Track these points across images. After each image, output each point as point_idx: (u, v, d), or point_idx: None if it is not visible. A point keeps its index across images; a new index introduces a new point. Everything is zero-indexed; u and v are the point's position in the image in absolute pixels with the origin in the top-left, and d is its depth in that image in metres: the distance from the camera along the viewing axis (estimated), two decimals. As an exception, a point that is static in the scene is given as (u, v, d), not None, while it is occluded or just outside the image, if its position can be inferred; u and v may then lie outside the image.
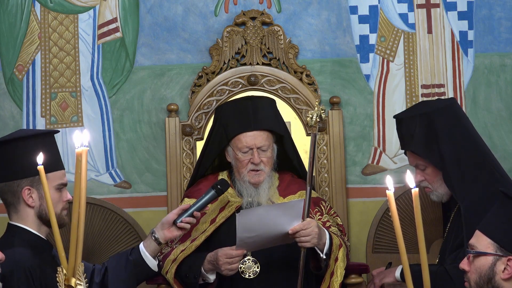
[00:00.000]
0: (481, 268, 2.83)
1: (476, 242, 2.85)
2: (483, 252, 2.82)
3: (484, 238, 2.84)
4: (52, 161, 3.35)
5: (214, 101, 4.71)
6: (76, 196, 2.52)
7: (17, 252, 3.28)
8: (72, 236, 2.58)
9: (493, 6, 4.81)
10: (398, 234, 2.48)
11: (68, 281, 2.56)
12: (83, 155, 2.50)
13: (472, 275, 2.85)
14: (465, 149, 3.92)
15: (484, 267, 2.83)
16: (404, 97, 4.81)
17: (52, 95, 4.79)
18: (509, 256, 2.79)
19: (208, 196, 3.81)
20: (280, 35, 4.76)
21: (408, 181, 2.56)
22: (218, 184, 3.85)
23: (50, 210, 2.59)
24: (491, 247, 2.82)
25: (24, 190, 3.37)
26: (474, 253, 2.84)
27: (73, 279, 2.57)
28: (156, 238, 3.67)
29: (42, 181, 2.56)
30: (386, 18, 4.82)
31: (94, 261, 4.59)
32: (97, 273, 3.64)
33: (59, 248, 2.58)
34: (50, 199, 2.63)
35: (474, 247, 2.85)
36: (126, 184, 4.80)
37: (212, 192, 3.82)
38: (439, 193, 4.00)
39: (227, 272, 3.82)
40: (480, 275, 2.83)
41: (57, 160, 3.44)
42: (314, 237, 3.80)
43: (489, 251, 2.82)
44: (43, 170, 2.57)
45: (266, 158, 4.00)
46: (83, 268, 2.60)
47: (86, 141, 2.52)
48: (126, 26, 4.80)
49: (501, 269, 2.81)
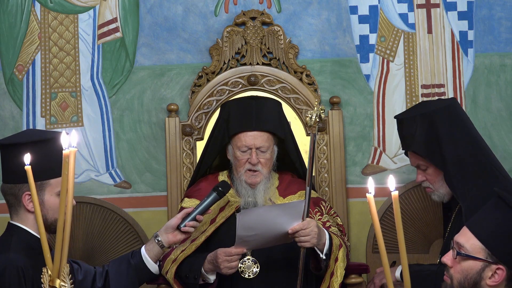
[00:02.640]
0: (468, 271, 2.80)
1: (465, 242, 2.82)
2: (473, 257, 2.79)
3: (474, 240, 2.80)
4: (55, 167, 3.35)
5: (214, 101, 4.71)
6: (63, 197, 2.53)
7: (12, 251, 3.28)
8: (57, 237, 2.58)
9: (493, 6, 4.81)
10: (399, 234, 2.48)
11: (53, 282, 2.57)
12: (70, 156, 2.51)
13: (457, 275, 2.82)
14: (466, 149, 3.92)
15: (472, 270, 2.80)
16: (404, 97, 4.81)
17: (52, 95, 4.79)
18: (499, 265, 2.77)
19: (210, 198, 3.80)
20: (280, 35, 4.76)
21: (389, 184, 2.56)
22: (220, 186, 3.85)
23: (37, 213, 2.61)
24: (482, 253, 2.79)
25: (25, 196, 3.37)
26: (464, 255, 2.80)
27: (57, 280, 2.57)
28: (160, 241, 3.67)
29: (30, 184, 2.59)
30: (386, 18, 4.82)
31: (94, 261, 4.59)
32: (99, 277, 3.64)
33: (44, 250, 2.58)
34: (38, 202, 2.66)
35: (463, 248, 2.81)
36: (126, 184, 4.80)
37: (214, 195, 3.82)
38: (440, 193, 4.00)
39: (227, 271, 3.82)
40: (466, 277, 2.80)
41: (61, 165, 3.43)
42: (313, 237, 3.80)
43: (480, 256, 2.79)
44: (30, 171, 2.57)
45: (264, 159, 3.99)
46: (68, 269, 2.60)
47: (74, 142, 2.53)
48: (126, 26, 4.80)
49: (488, 275, 2.78)
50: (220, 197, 3.84)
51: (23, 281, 3.25)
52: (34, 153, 3.25)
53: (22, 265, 3.26)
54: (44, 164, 3.31)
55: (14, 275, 3.24)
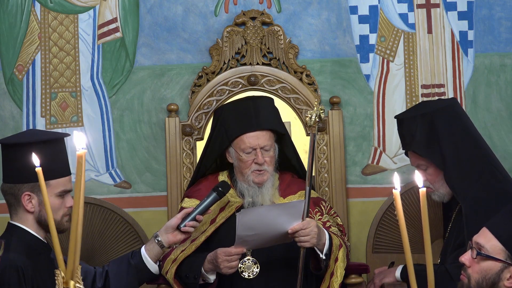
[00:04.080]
0: (487, 272, 2.82)
1: (485, 242, 2.84)
2: (493, 257, 2.81)
3: (495, 240, 2.83)
4: (56, 168, 3.36)
5: (214, 101, 4.71)
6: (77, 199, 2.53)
7: (11, 251, 3.28)
8: (71, 239, 2.57)
9: (493, 6, 4.81)
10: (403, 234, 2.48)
11: (67, 284, 2.56)
12: (83, 157, 2.51)
13: (475, 275, 2.84)
14: (466, 149, 3.92)
15: (491, 271, 2.82)
16: (404, 97, 4.81)
17: (52, 95, 4.79)
18: None
19: (210, 199, 3.81)
20: (280, 35, 4.76)
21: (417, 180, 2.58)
22: (220, 186, 3.85)
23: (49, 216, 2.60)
24: (502, 254, 2.81)
25: (24, 196, 3.37)
26: (485, 255, 2.82)
27: (71, 281, 2.57)
28: (160, 241, 3.67)
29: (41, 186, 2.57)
30: (386, 18, 4.82)
31: (94, 261, 4.59)
32: (99, 277, 3.64)
33: (57, 252, 2.58)
34: (49, 205, 2.63)
35: (483, 248, 2.83)
36: (126, 184, 4.79)
37: (214, 195, 3.82)
38: (440, 193, 4.00)
39: (226, 271, 3.82)
40: (484, 277, 2.82)
41: (62, 166, 3.43)
42: (313, 237, 3.80)
43: (500, 257, 2.81)
44: (41, 173, 2.57)
45: (269, 157, 4.00)
46: (80, 270, 2.60)
47: (84, 144, 2.53)
48: (126, 26, 4.80)
49: (507, 276, 2.80)
50: (220, 197, 3.84)
51: (23, 281, 3.25)
52: (35, 154, 3.25)
53: (21, 265, 3.26)
54: (45, 165, 3.30)
55: (13, 275, 3.24)
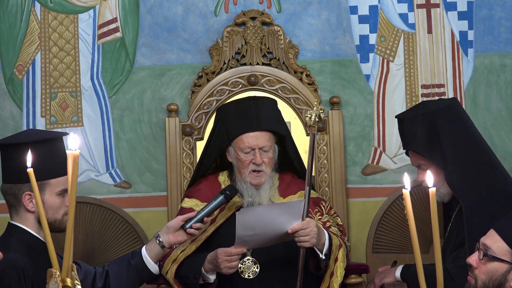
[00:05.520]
0: (494, 273, 2.84)
1: (492, 244, 2.86)
2: (500, 259, 2.83)
3: (501, 242, 2.84)
4: (55, 167, 3.35)
5: (214, 101, 4.71)
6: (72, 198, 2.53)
7: (12, 251, 3.28)
8: (67, 238, 2.58)
9: (493, 6, 4.81)
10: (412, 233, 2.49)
11: (64, 281, 2.56)
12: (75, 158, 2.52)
13: (482, 276, 2.86)
14: (467, 149, 3.92)
15: (498, 272, 2.84)
16: (404, 97, 4.81)
17: (52, 95, 4.79)
18: None
19: (216, 201, 3.79)
20: (280, 35, 4.76)
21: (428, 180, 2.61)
22: (227, 189, 3.83)
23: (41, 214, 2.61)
24: (508, 255, 2.83)
25: (25, 195, 3.37)
26: (491, 257, 2.84)
27: (68, 279, 2.57)
28: (161, 241, 3.66)
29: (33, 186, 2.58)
30: (386, 18, 4.82)
31: (94, 261, 4.59)
32: (99, 277, 3.64)
33: (50, 252, 2.58)
34: (41, 203, 2.65)
35: (490, 250, 2.85)
36: (126, 184, 4.80)
37: (221, 198, 3.80)
38: (441, 193, 3.99)
39: (227, 271, 3.82)
40: (490, 278, 2.84)
41: (62, 165, 3.42)
42: (313, 237, 3.80)
43: (506, 258, 2.83)
44: (33, 173, 2.57)
45: (267, 158, 3.99)
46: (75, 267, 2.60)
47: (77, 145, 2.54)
48: (126, 26, 4.80)
49: None
50: (227, 201, 3.83)
51: (23, 281, 3.25)
52: (34, 153, 3.25)
53: (22, 265, 3.26)
54: (45, 164, 3.31)
55: (14, 275, 3.24)
